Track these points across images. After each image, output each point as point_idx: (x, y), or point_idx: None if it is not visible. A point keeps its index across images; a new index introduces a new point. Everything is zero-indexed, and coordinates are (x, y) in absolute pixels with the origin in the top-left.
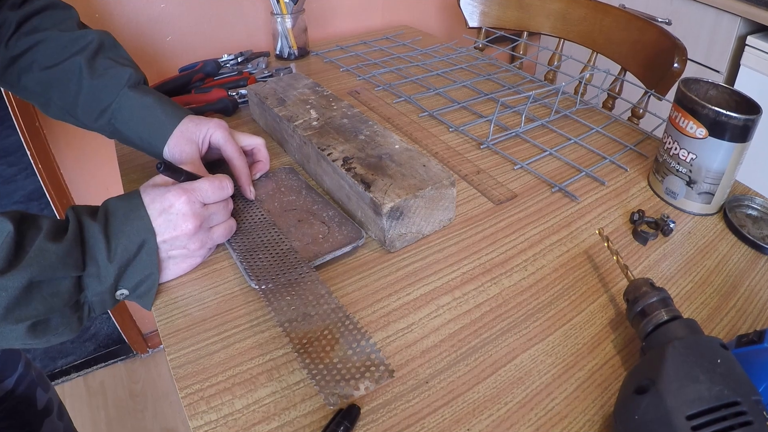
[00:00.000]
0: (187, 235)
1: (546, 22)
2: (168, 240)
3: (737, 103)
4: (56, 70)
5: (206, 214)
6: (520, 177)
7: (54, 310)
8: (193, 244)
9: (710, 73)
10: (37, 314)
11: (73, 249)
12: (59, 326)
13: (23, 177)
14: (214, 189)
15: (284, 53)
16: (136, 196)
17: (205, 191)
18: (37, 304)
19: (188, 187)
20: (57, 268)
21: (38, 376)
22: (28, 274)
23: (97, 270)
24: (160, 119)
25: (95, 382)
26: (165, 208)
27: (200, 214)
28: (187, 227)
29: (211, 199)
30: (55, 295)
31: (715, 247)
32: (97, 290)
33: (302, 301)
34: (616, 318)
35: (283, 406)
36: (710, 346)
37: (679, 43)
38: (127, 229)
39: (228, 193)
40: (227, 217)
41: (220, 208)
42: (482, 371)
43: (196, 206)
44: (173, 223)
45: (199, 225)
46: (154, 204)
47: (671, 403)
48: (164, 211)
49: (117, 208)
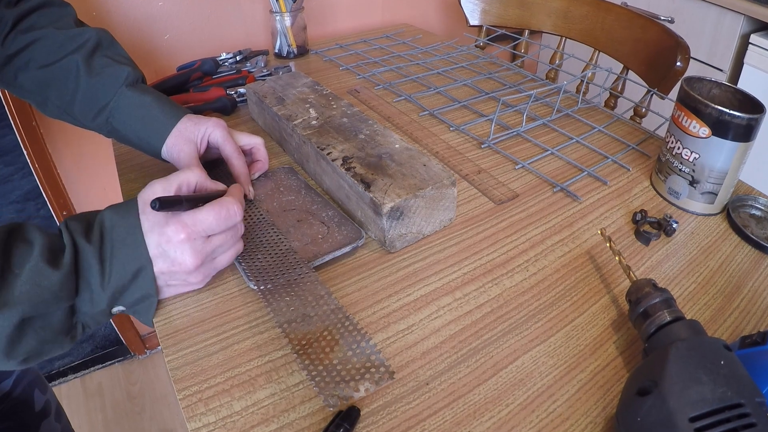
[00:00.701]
0: (186, 272)
1: (547, 20)
2: (165, 272)
3: (740, 102)
4: (53, 68)
5: (209, 249)
6: (522, 177)
7: (47, 342)
8: (194, 278)
9: (713, 71)
10: (29, 350)
11: (69, 279)
12: (51, 350)
13: (20, 177)
14: (220, 220)
15: (283, 52)
16: (134, 215)
17: (208, 224)
18: (29, 340)
19: (189, 221)
20: (50, 302)
21: (36, 377)
22: (20, 312)
23: (90, 295)
24: (158, 118)
25: (93, 383)
26: (161, 242)
27: (201, 250)
28: (186, 265)
29: (217, 230)
30: (48, 327)
31: (719, 248)
32: (90, 312)
33: (301, 302)
34: (618, 319)
35: (282, 408)
36: (713, 347)
37: (681, 41)
38: (122, 255)
39: (236, 220)
40: (235, 242)
41: (228, 238)
42: (483, 373)
43: (197, 243)
44: (171, 258)
45: (200, 263)
46: (153, 234)
47: (674, 405)
48: (161, 245)
49: (113, 226)
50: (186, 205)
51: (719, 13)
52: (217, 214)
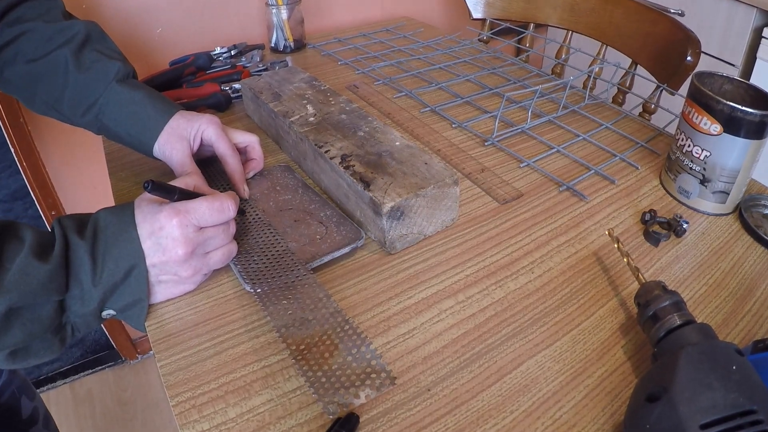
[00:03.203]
0: (177, 262)
1: (553, 13)
2: (157, 264)
3: (753, 98)
4: (41, 63)
5: (200, 240)
6: (527, 175)
7: (35, 336)
8: (185, 271)
9: (725, 66)
10: (16, 342)
11: (58, 273)
12: (40, 350)
13: (7, 175)
14: (213, 211)
15: (280, 46)
16: (129, 213)
17: (201, 213)
18: (16, 331)
19: (182, 208)
20: (39, 293)
21: (23, 383)
22: (7, 301)
23: (81, 292)
24: (149, 115)
25: (82, 389)
26: (154, 230)
27: (192, 239)
28: (176, 253)
29: (209, 222)
30: (36, 320)
31: (730, 249)
32: (80, 312)
33: (299, 305)
34: (626, 323)
35: (278, 414)
36: (725, 352)
37: (692, 35)
38: (115, 252)
39: (229, 215)
40: (227, 240)
41: (219, 232)
42: (487, 378)
43: (189, 230)
44: (162, 247)
45: (191, 251)
46: (145, 224)
47: (684, 412)
48: (153, 233)
49: (107, 224)
50: (180, 197)
51: (731, 6)
52: (210, 205)
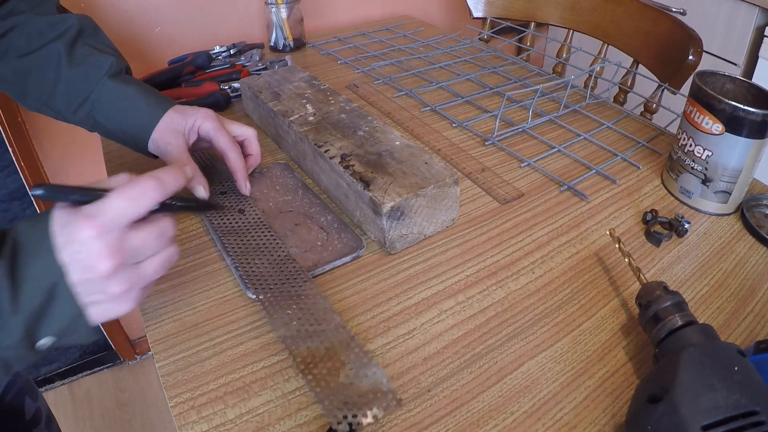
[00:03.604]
0: (102, 278)
1: (555, 12)
2: (80, 283)
3: (755, 98)
4: (33, 57)
5: (128, 247)
6: (527, 175)
7: None
8: (115, 287)
9: (727, 65)
10: None
11: None
12: None
13: (5, 175)
14: (131, 202)
15: (279, 45)
16: (45, 220)
17: (118, 210)
18: None
19: (93, 211)
20: None
21: (26, 384)
22: None
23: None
24: (143, 111)
25: (81, 390)
26: (68, 241)
27: (116, 247)
28: (99, 268)
29: (132, 217)
30: None
31: (732, 249)
32: (5, 344)
33: (304, 316)
34: (627, 323)
35: (278, 415)
36: (727, 352)
37: (694, 34)
38: (31, 271)
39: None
40: (164, 244)
41: (150, 236)
42: (487, 379)
43: (109, 238)
44: (82, 262)
45: (118, 264)
46: (62, 233)
47: (686, 413)
48: (67, 245)
49: (25, 238)
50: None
51: (733, 5)
52: (126, 196)
